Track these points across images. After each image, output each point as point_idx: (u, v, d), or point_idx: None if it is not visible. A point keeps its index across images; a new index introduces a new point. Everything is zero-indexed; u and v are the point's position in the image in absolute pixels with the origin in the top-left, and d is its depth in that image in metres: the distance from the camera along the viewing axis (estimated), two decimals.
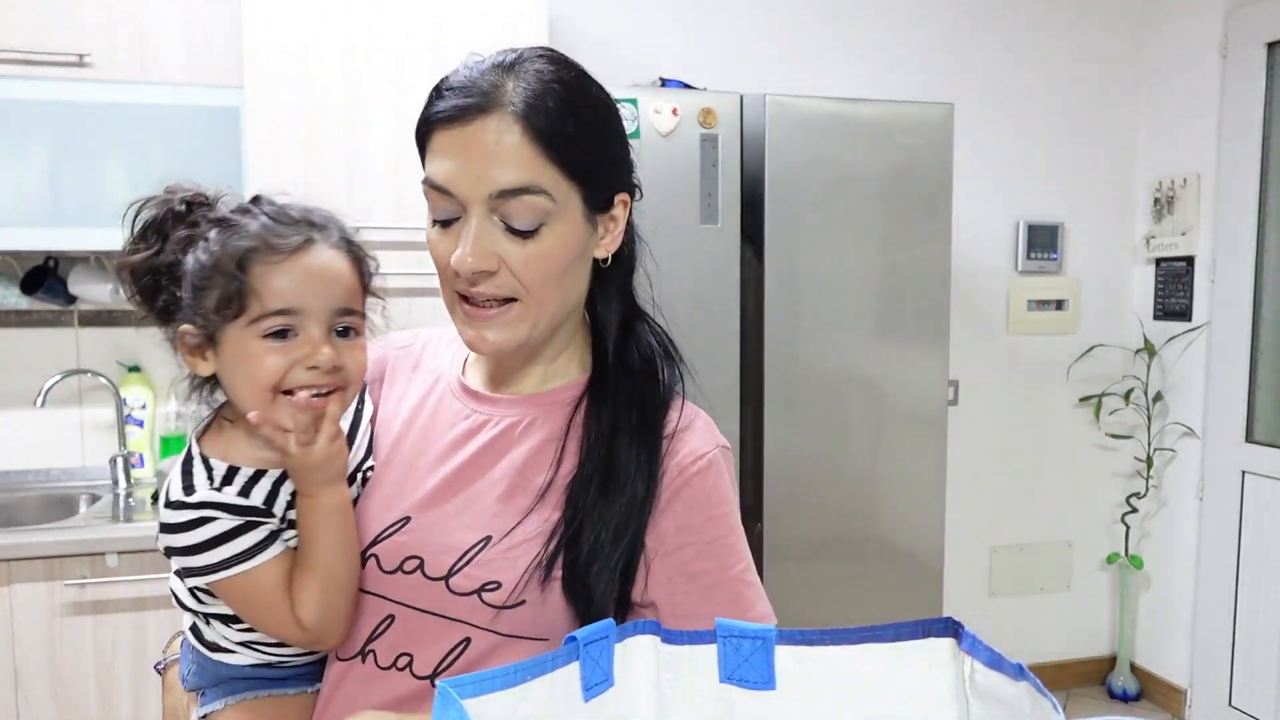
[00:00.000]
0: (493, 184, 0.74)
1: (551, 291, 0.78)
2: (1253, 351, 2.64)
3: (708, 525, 0.80)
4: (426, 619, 0.79)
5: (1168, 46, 2.90)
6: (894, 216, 2.17)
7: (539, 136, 0.74)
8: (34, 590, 1.80)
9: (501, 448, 0.83)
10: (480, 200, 0.74)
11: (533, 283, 0.76)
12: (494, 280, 0.76)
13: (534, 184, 0.74)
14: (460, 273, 0.75)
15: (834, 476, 2.17)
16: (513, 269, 0.76)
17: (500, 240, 0.75)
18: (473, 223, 0.75)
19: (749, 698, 0.64)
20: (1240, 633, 2.66)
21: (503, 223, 0.75)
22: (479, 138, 0.74)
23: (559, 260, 0.77)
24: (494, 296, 0.77)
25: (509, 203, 0.74)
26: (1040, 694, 0.54)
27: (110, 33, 1.98)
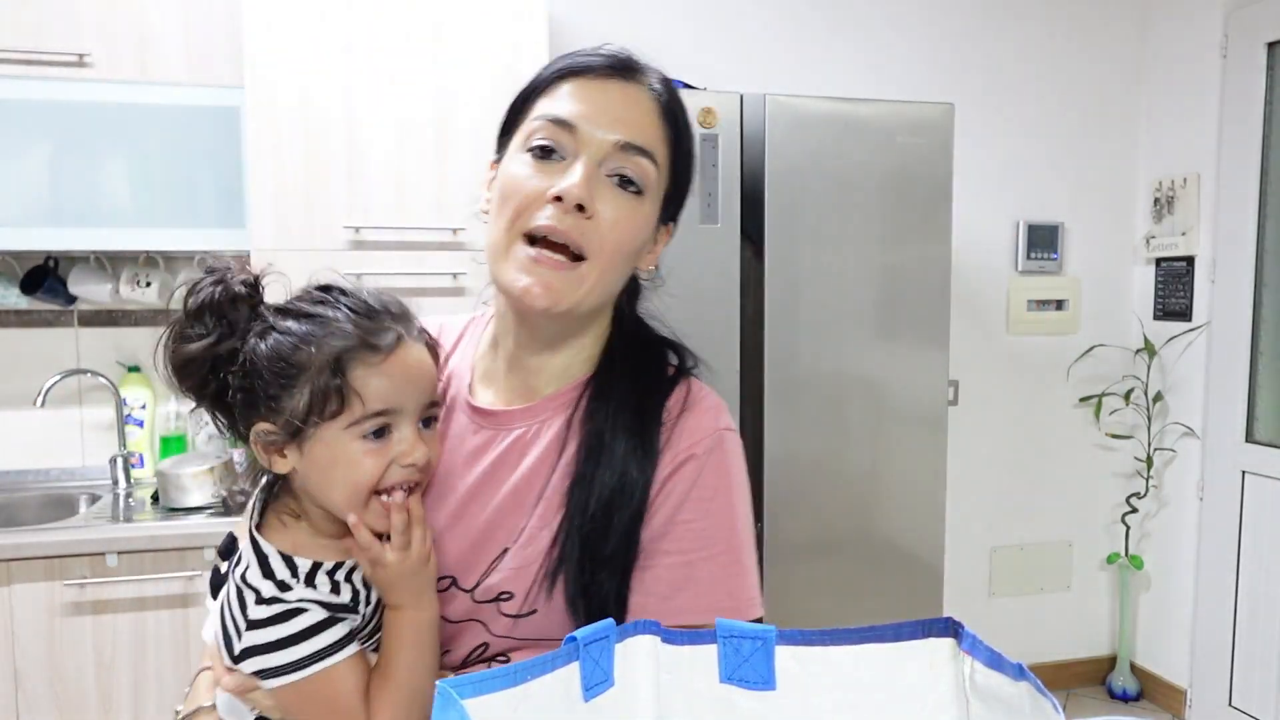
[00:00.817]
0: (623, 134, 0.76)
1: (615, 263, 0.78)
2: (1253, 351, 2.64)
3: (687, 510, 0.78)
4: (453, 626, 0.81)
5: (1168, 46, 2.90)
6: (894, 216, 2.16)
7: (668, 119, 0.80)
8: (34, 590, 1.80)
9: (513, 460, 0.82)
10: (602, 145, 0.76)
11: (611, 243, 0.76)
12: (583, 225, 0.75)
13: (654, 151, 0.78)
14: (565, 198, 0.74)
15: (834, 476, 2.17)
16: (602, 222, 0.76)
17: (604, 189, 0.76)
18: (584, 164, 0.75)
19: (749, 698, 0.64)
20: (1240, 633, 2.66)
21: (613, 176, 0.77)
22: (621, 93, 0.78)
23: (639, 231, 0.79)
24: (574, 241, 0.75)
25: (628, 157, 0.76)
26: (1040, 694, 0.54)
27: (110, 33, 1.98)
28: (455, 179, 1.97)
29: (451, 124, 1.96)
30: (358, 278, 0.83)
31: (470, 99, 1.97)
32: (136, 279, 2.20)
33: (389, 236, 1.95)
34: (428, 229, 1.96)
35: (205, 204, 2.03)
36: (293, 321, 0.74)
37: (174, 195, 2.02)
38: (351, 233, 1.93)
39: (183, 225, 2.03)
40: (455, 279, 1.99)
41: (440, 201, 1.97)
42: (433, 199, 1.96)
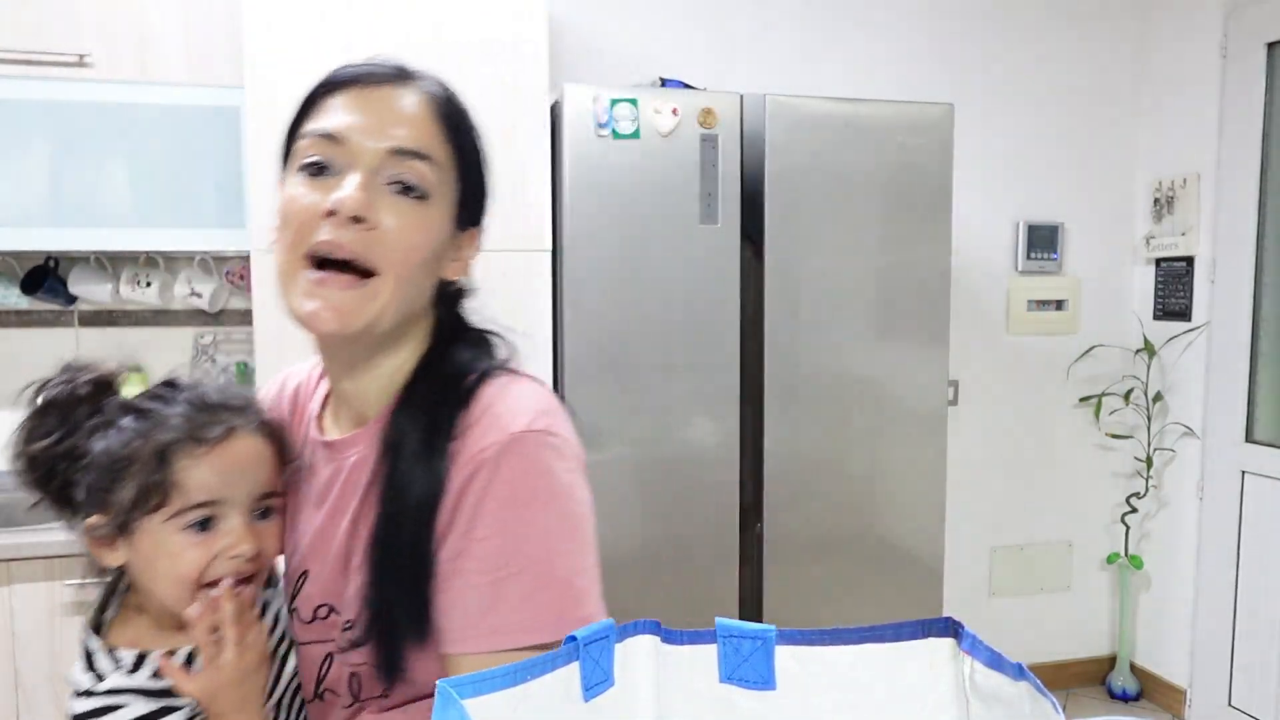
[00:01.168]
0: (394, 140, 0.73)
1: (407, 274, 0.74)
2: (1253, 351, 2.64)
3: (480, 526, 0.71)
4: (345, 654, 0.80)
5: (1168, 46, 2.90)
6: (894, 216, 2.17)
7: (442, 117, 0.76)
8: (34, 590, 1.80)
9: (354, 487, 0.80)
10: (374, 154, 0.72)
11: (400, 252, 0.72)
12: (365, 237, 0.71)
13: (430, 152, 0.74)
14: (339, 210, 0.70)
15: (834, 476, 2.17)
16: (387, 233, 0.72)
17: (384, 199, 0.72)
18: (358, 175, 0.72)
19: (749, 698, 0.64)
20: (1240, 633, 2.66)
21: (392, 184, 0.73)
22: (388, 99, 0.74)
23: (430, 237, 0.75)
24: (358, 255, 0.71)
25: (403, 162, 0.73)
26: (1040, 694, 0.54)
27: (110, 33, 1.98)
28: None
29: None
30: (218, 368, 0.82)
31: (470, 99, 1.97)
32: (137, 279, 2.20)
33: None
34: None
35: (205, 204, 2.04)
36: (129, 417, 0.75)
37: (174, 195, 2.02)
38: None
39: (183, 225, 2.03)
40: None
41: None
42: None
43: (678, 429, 2.07)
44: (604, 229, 2.00)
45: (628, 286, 2.03)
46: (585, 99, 1.96)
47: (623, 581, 2.06)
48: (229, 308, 2.35)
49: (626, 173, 2.00)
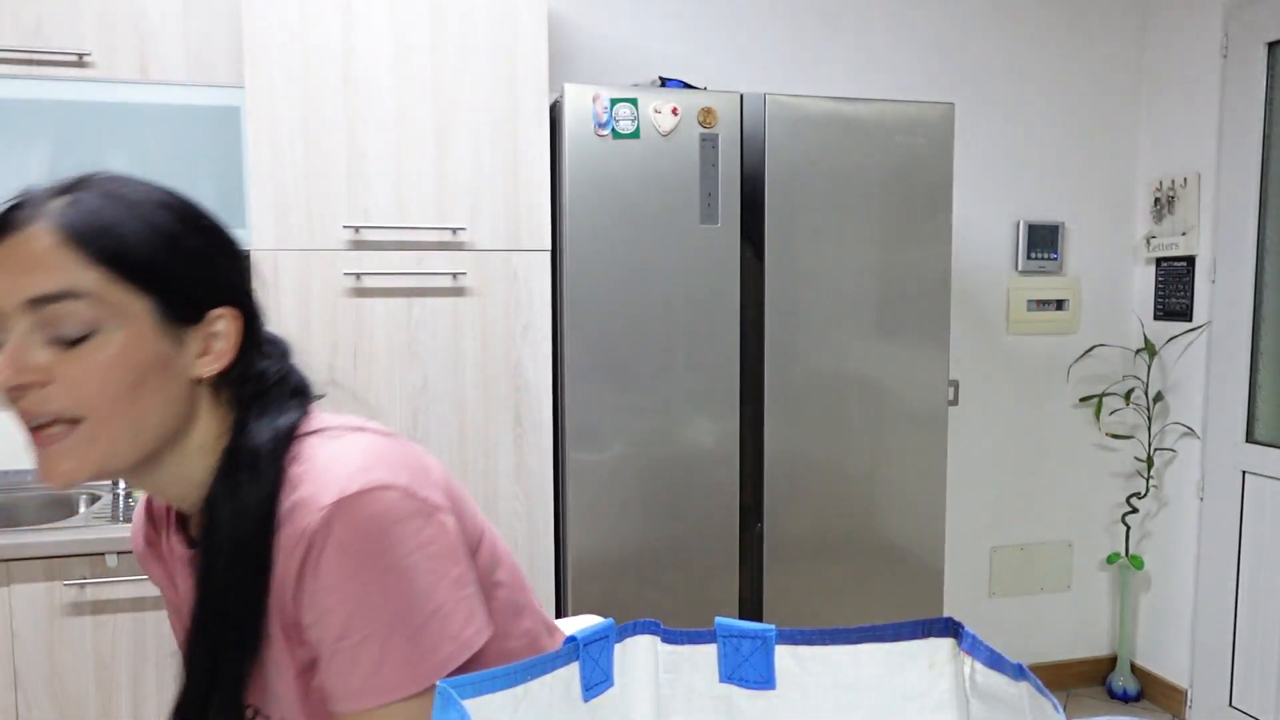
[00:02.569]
0: (24, 292, 0.68)
1: (119, 408, 0.70)
2: (1253, 351, 2.64)
3: (321, 603, 0.71)
4: None
5: (1168, 46, 2.90)
6: (894, 216, 2.17)
7: (78, 240, 0.69)
8: (34, 590, 1.80)
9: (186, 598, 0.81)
10: (16, 312, 0.68)
11: (91, 397, 0.69)
12: (46, 394, 0.69)
13: (70, 289, 0.68)
14: (3, 390, 0.68)
15: (834, 476, 2.17)
16: (65, 383, 0.69)
17: (44, 353, 0.68)
18: (12, 337, 0.68)
19: (749, 698, 0.64)
20: (1241, 633, 2.66)
21: (47, 334, 0.68)
22: (14, 249, 0.69)
23: (120, 373, 0.70)
24: (53, 414, 0.69)
25: (46, 310, 0.68)
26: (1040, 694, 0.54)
27: (110, 33, 1.98)
28: (455, 179, 1.97)
29: (451, 124, 1.96)
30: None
31: (470, 99, 1.97)
32: None
33: (389, 236, 1.95)
34: (427, 229, 1.96)
35: (205, 204, 2.03)
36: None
37: None
38: (351, 232, 1.93)
39: None
40: (455, 279, 1.99)
41: (440, 201, 1.97)
42: (432, 199, 1.96)
43: (678, 429, 2.07)
44: (604, 229, 2.00)
45: (628, 286, 2.03)
46: (585, 99, 1.96)
47: (623, 581, 2.06)
48: None
49: (626, 173, 2.00)
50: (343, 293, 1.93)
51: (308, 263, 1.91)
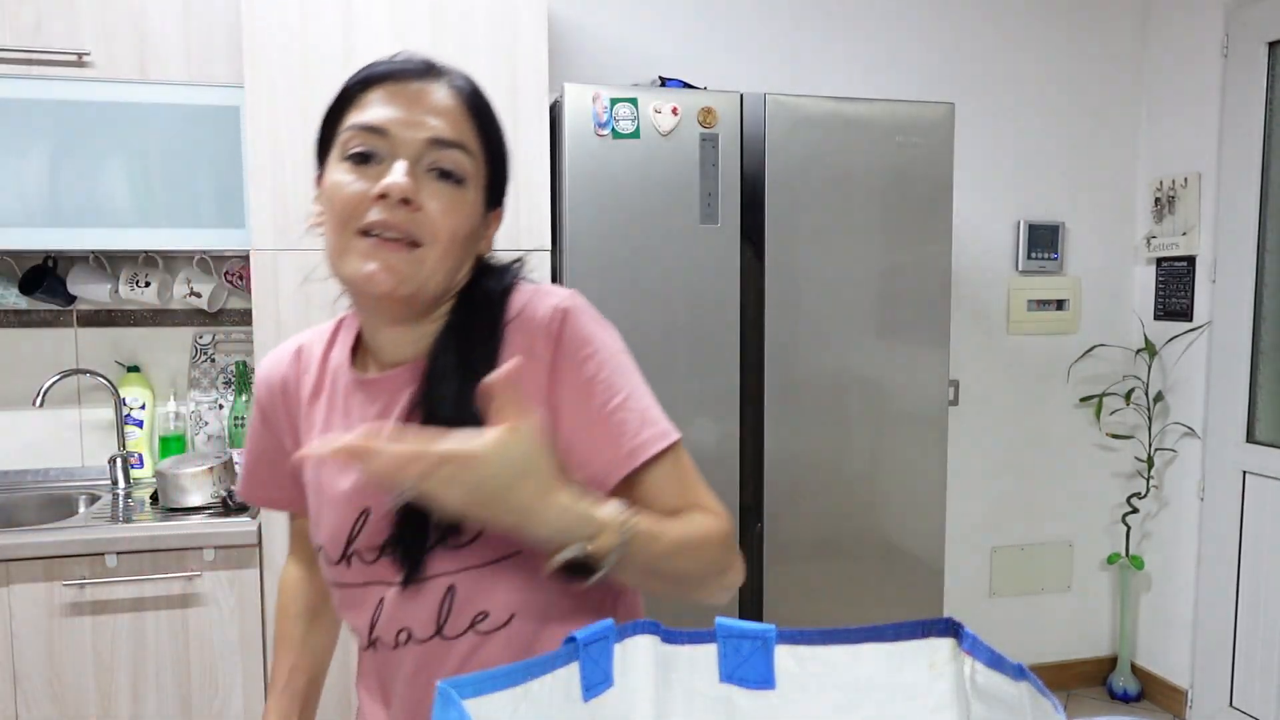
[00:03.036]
0: (433, 132, 0.80)
1: (455, 248, 0.81)
2: (1253, 351, 2.64)
3: (587, 360, 0.83)
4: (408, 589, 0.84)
5: (1168, 46, 2.90)
6: (894, 216, 2.16)
7: (473, 111, 0.83)
8: (33, 590, 1.80)
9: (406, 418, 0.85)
10: (415, 144, 0.79)
11: (444, 230, 0.80)
12: (412, 217, 0.78)
13: (465, 143, 0.82)
14: (389, 194, 0.77)
15: (834, 476, 2.17)
16: (430, 213, 0.79)
17: (426, 184, 0.80)
18: (403, 160, 0.79)
19: (749, 697, 0.64)
20: (1241, 633, 2.66)
21: (431, 171, 0.80)
22: (424, 94, 0.81)
23: (468, 217, 0.82)
24: (407, 231, 0.78)
25: (441, 151, 0.80)
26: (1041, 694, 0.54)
27: (110, 33, 1.98)
28: None
29: None
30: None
31: None
32: (136, 279, 2.19)
33: None
34: None
35: (205, 204, 2.03)
36: None
37: (174, 195, 2.02)
38: None
39: (182, 225, 2.03)
40: None
41: None
42: None
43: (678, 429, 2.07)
44: (604, 229, 2.00)
45: (628, 286, 2.02)
46: (585, 99, 1.96)
47: None
48: (228, 307, 2.35)
49: (626, 172, 2.00)
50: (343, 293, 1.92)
51: (308, 262, 1.91)
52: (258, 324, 1.91)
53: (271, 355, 0.98)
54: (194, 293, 2.23)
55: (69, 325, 2.30)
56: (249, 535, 1.87)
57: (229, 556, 1.88)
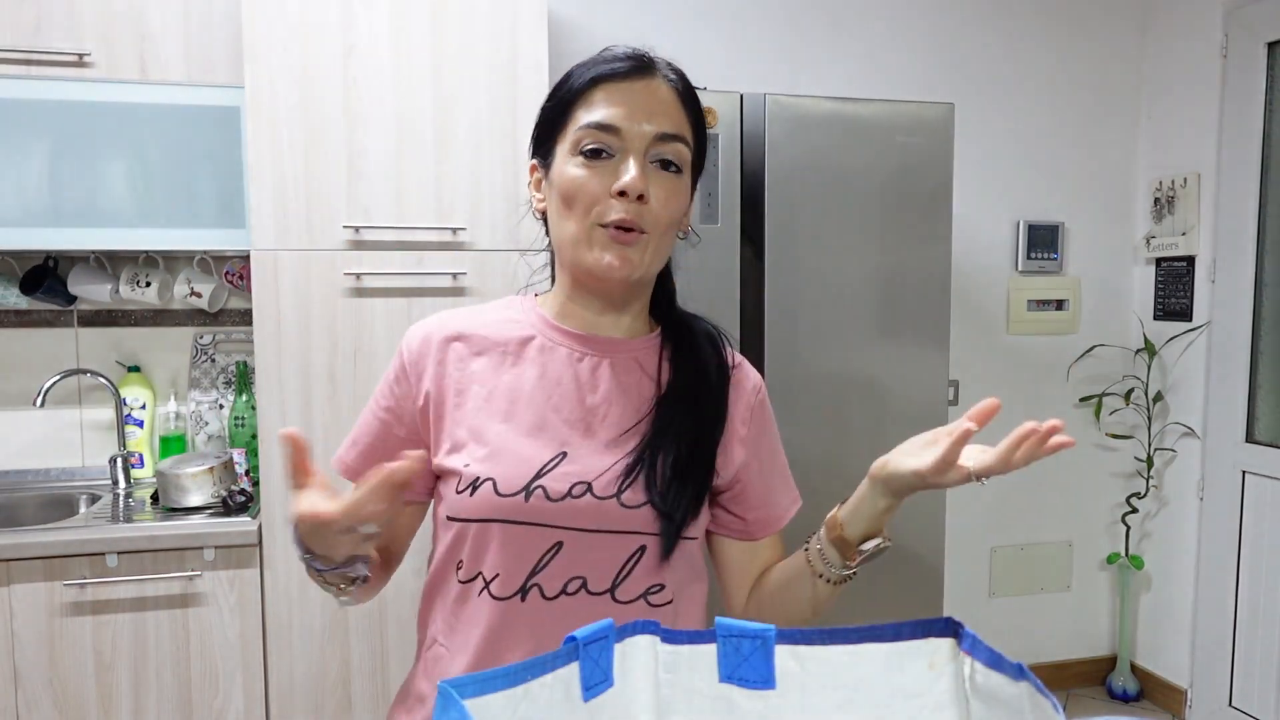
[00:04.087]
0: (659, 127, 0.89)
1: (671, 232, 0.93)
2: (1253, 351, 2.64)
3: (773, 431, 1.05)
4: (596, 538, 0.90)
5: (1168, 46, 2.90)
6: (894, 216, 2.16)
7: (687, 104, 0.94)
8: (34, 590, 1.80)
9: (621, 381, 0.96)
10: (643, 139, 0.88)
11: (664, 218, 0.90)
12: (641, 210, 0.88)
13: (683, 134, 0.92)
14: (628, 192, 0.87)
15: (834, 476, 2.17)
16: (653, 203, 0.89)
17: (651, 175, 0.89)
18: (635, 157, 0.88)
19: (749, 697, 0.64)
20: (1240, 633, 2.66)
21: (655, 162, 0.90)
22: (648, 91, 0.90)
23: (682, 204, 0.93)
24: (637, 224, 0.88)
25: (666, 145, 0.90)
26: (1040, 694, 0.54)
27: (110, 33, 1.98)
28: (455, 179, 1.97)
29: (451, 124, 1.96)
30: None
31: (470, 99, 1.97)
32: (136, 279, 2.20)
33: (389, 236, 1.95)
34: (427, 229, 1.96)
35: (205, 204, 2.04)
36: None
37: (174, 195, 2.02)
38: (351, 233, 1.93)
39: (183, 225, 2.03)
40: (455, 279, 1.99)
41: (440, 201, 1.97)
42: (432, 199, 1.96)
43: None
44: None
45: None
46: None
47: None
48: (228, 307, 2.36)
49: None
50: (343, 293, 1.93)
51: (308, 263, 1.91)
52: (258, 324, 1.91)
53: (430, 322, 1.00)
54: (194, 293, 2.23)
55: (69, 325, 2.30)
56: (249, 535, 1.88)
57: (229, 556, 1.88)
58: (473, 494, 0.90)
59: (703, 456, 0.95)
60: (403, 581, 1.96)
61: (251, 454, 2.22)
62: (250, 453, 2.22)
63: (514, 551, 0.89)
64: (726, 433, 0.98)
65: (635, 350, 0.98)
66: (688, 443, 0.94)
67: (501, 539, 0.89)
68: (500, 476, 0.89)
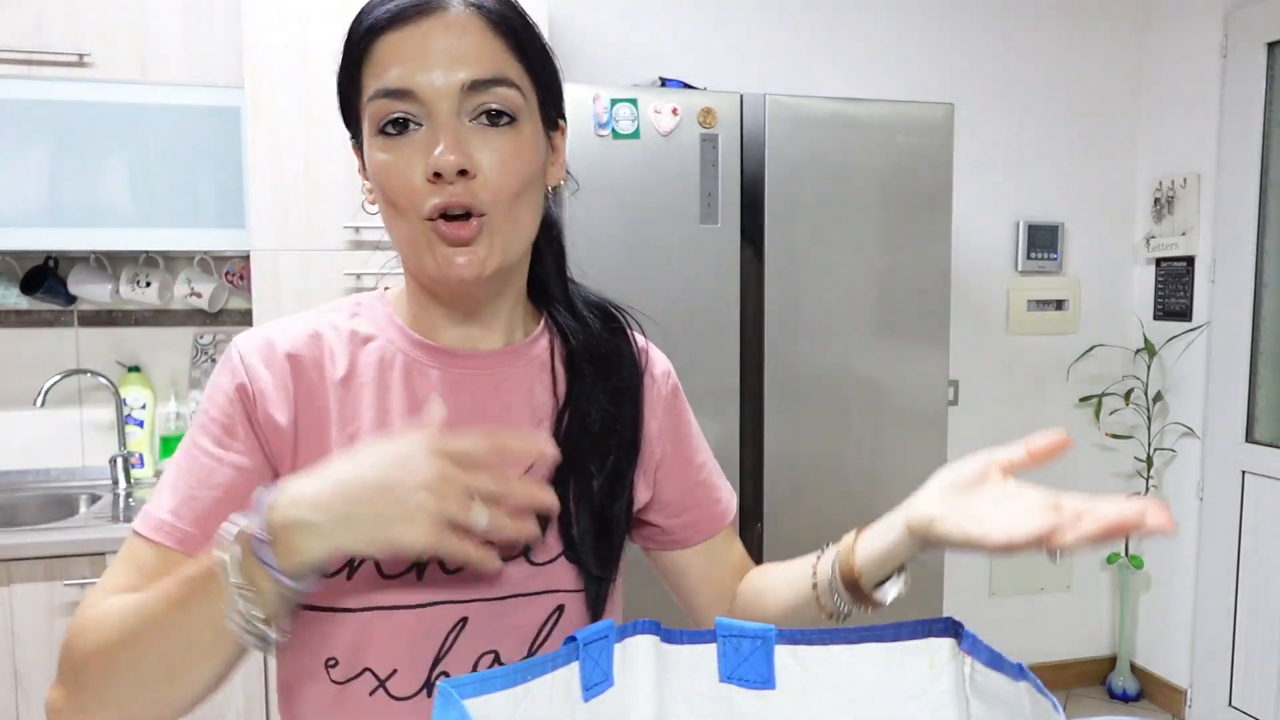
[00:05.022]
0: (465, 74, 0.67)
1: (524, 203, 0.71)
2: (1253, 351, 2.64)
3: (690, 419, 0.90)
4: (504, 605, 0.73)
5: (1168, 46, 2.90)
6: (894, 216, 2.16)
7: (502, 29, 0.70)
8: (34, 590, 1.80)
9: (507, 404, 0.77)
10: (449, 96, 0.67)
11: (506, 187, 0.69)
12: (470, 186, 0.68)
13: (505, 75, 0.69)
14: (443, 173, 0.66)
15: (834, 476, 2.17)
16: (486, 171, 0.68)
17: (473, 138, 0.68)
18: (444, 121, 0.67)
19: (749, 697, 0.64)
20: (1240, 633, 2.66)
21: (476, 118, 0.68)
22: (438, 33, 0.68)
23: (528, 164, 0.71)
24: (469, 205, 0.68)
25: (482, 95, 0.68)
26: (1040, 694, 0.54)
27: (110, 33, 1.98)
28: None
29: None
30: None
31: None
32: (136, 279, 2.20)
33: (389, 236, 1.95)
34: None
35: (205, 204, 2.04)
36: None
37: (174, 195, 2.02)
38: (351, 233, 1.93)
39: (183, 225, 2.03)
40: None
41: None
42: None
43: None
44: (604, 229, 2.00)
45: (627, 286, 2.02)
46: (585, 99, 1.96)
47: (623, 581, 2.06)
48: (228, 307, 2.36)
49: (626, 173, 2.00)
50: (343, 293, 1.93)
51: (308, 263, 1.91)
52: (258, 324, 1.91)
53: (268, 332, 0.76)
54: (194, 293, 2.23)
55: (70, 325, 2.30)
56: None
57: None
58: (350, 576, 0.70)
59: (621, 487, 0.79)
60: None
61: None
62: None
63: (410, 640, 0.71)
64: (645, 442, 0.82)
65: (519, 360, 0.79)
66: (603, 473, 0.77)
67: (391, 628, 0.70)
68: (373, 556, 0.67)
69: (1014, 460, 0.68)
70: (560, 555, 0.75)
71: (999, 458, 0.68)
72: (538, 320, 0.84)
